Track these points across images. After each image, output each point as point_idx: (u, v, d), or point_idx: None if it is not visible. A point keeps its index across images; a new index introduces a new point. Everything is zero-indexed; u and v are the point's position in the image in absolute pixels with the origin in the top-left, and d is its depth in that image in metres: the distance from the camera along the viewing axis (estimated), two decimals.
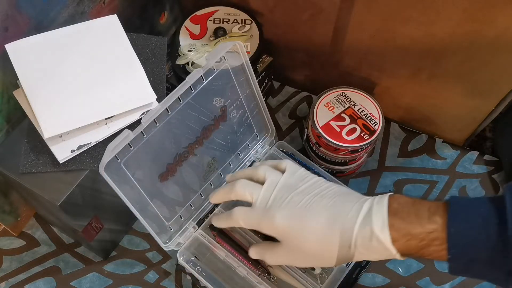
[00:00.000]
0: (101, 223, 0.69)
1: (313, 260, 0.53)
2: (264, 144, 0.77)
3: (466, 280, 0.72)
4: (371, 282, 0.73)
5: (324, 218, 0.51)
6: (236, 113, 0.70)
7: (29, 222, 0.79)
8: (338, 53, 0.81)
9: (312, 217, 0.51)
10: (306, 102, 0.90)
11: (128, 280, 0.74)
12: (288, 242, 0.53)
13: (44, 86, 0.60)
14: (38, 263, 0.75)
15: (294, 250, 0.53)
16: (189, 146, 0.66)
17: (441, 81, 0.76)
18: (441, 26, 0.67)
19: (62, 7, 0.65)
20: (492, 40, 0.65)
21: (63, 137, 0.60)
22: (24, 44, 0.61)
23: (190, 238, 0.68)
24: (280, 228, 0.53)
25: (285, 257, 0.55)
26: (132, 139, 0.56)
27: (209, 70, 0.62)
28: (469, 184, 0.81)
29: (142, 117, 0.62)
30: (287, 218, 0.52)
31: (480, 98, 0.76)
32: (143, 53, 0.68)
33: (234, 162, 0.74)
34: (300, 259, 0.54)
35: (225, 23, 0.80)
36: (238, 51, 0.63)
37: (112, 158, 0.54)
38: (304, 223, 0.52)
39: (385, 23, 0.71)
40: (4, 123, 0.64)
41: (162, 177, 0.64)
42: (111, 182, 0.55)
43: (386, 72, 0.80)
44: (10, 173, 0.60)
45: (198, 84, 0.61)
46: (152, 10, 0.84)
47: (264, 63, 0.80)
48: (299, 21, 0.79)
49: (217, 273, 0.68)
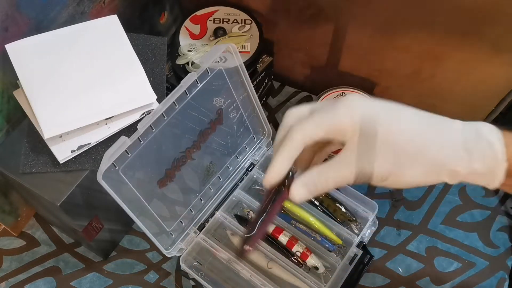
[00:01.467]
0: (101, 223, 0.69)
1: (409, 157, 0.39)
2: (261, 145, 0.77)
3: (466, 280, 0.73)
4: (371, 282, 0.73)
5: (416, 113, 0.40)
6: (233, 116, 0.70)
7: (29, 222, 0.79)
8: (338, 53, 0.81)
9: (402, 109, 0.40)
10: (306, 102, 0.90)
11: (128, 280, 0.74)
12: (369, 134, 0.38)
13: (44, 86, 0.60)
14: (38, 263, 0.75)
15: (384, 144, 0.38)
16: (186, 151, 0.65)
17: (441, 81, 0.76)
18: (441, 26, 0.67)
19: (62, 7, 0.65)
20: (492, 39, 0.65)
21: (63, 137, 0.60)
22: (24, 44, 0.61)
23: (191, 243, 0.68)
24: (367, 112, 0.39)
25: (365, 159, 0.39)
26: (129, 145, 0.55)
27: (204, 73, 0.62)
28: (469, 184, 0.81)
29: (142, 117, 0.62)
30: (369, 102, 0.40)
31: (480, 98, 0.76)
32: (143, 53, 0.67)
33: (232, 165, 0.74)
34: (389, 155, 0.38)
35: (225, 23, 0.80)
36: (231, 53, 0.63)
37: (110, 165, 0.54)
38: (394, 111, 0.40)
39: (385, 23, 0.71)
40: (4, 123, 0.64)
41: (161, 182, 0.64)
42: (110, 190, 0.55)
43: (386, 72, 0.80)
44: (10, 173, 0.60)
45: (193, 87, 0.61)
46: (152, 10, 0.84)
47: (264, 63, 0.80)
48: (299, 21, 0.79)
49: (220, 276, 0.68)
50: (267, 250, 0.67)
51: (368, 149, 0.38)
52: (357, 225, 0.72)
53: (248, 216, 0.71)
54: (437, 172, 0.39)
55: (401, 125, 0.39)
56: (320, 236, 0.70)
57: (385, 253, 0.75)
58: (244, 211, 0.73)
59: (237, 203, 0.74)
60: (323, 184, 0.40)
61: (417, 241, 0.76)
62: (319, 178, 0.40)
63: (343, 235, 0.70)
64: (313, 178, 0.40)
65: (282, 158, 0.40)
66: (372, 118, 0.39)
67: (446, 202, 0.79)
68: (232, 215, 0.73)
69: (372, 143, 0.38)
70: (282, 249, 0.68)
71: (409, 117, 0.40)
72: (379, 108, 0.39)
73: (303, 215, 0.71)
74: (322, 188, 0.40)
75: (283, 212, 0.72)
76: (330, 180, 0.40)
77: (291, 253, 0.68)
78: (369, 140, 0.38)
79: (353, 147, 0.39)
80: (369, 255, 0.72)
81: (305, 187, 0.40)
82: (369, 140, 0.38)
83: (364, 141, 0.38)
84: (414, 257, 0.75)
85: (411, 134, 0.39)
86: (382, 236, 0.77)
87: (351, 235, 0.69)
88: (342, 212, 0.72)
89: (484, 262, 0.74)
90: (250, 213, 0.71)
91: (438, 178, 0.39)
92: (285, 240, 0.68)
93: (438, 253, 0.75)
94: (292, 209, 0.72)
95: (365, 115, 0.39)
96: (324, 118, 0.40)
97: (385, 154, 0.38)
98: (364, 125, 0.38)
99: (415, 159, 0.38)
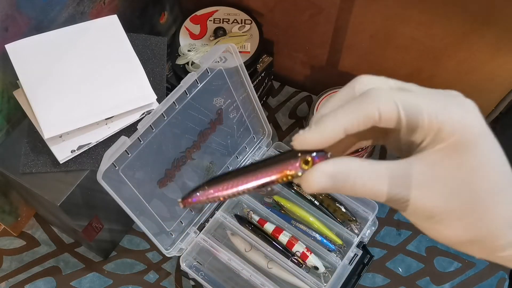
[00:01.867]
0: (101, 223, 0.69)
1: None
2: (261, 145, 0.77)
3: (466, 280, 0.73)
4: (371, 282, 0.73)
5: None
6: (233, 116, 0.70)
7: (29, 222, 0.79)
8: (338, 53, 0.81)
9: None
10: (306, 102, 0.90)
11: (128, 280, 0.74)
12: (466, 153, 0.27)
13: (44, 86, 0.60)
14: (38, 263, 0.75)
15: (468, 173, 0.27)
16: (186, 151, 0.65)
17: (441, 81, 0.76)
18: (441, 26, 0.67)
19: (62, 7, 0.65)
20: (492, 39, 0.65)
21: (63, 137, 0.60)
22: (24, 44, 0.61)
23: (191, 243, 0.68)
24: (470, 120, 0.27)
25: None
26: (129, 145, 0.55)
27: (204, 73, 0.62)
28: None
29: (142, 117, 0.62)
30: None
31: (480, 98, 0.76)
32: (143, 53, 0.67)
33: (232, 165, 0.74)
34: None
35: (225, 23, 0.80)
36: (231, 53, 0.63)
37: (110, 165, 0.54)
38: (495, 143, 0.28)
39: (385, 23, 0.71)
40: (4, 123, 0.64)
41: (161, 183, 0.64)
42: (110, 190, 0.55)
43: (386, 72, 0.79)
44: (10, 173, 0.60)
45: (193, 87, 0.61)
46: (152, 10, 0.84)
47: (264, 63, 0.80)
48: (299, 21, 0.79)
49: (220, 277, 0.68)
50: (267, 250, 0.67)
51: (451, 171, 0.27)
52: (357, 225, 0.72)
53: (248, 216, 0.71)
54: (491, 240, 0.28)
55: (496, 161, 0.28)
56: (320, 236, 0.70)
57: (385, 253, 0.75)
58: (244, 211, 0.73)
59: (237, 203, 0.74)
60: (350, 186, 0.28)
61: (417, 241, 0.76)
62: (354, 177, 0.27)
63: (343, 235, 0.70)
64: (348, 172, 0.28)
65: (342, 120, 0.27)
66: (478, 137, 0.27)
67: None
68: (232, 215, 0.73)
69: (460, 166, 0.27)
70: (282, 249, 0.68)
71: (503, 159, 0.28)
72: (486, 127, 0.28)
73: (303, 215, 0.71)
74: (346, 191, 0.28)
75: (283, 212, 0.72)
76: (361, 188, 0.28)
77: (291, 253, 0.68)
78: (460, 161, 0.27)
79: (435, 159, 0.27)
80: (369, 255, 0.72)
81: (331, 179, 0.28)
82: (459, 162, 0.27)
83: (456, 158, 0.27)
84: (414, 257, 0.75)
85: (498, 179, 0.28)
86: (382, 236, 0.77)
87: (351, 235, 0.69)
88: (342, 212, 0.72)
89: (484, 262, 0.74)
90: (250, 213, 0.71)
91: (485, 249, 0.29)
92: (285, 240, 0.68)
93: (438, 253, 0.75)
94: (292, 209, 0.72)
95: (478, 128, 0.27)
96: (437, 104, 0.27)
97: (458, 189, 0.27)
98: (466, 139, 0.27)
99: (481, 212, 0.28)
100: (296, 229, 0.69)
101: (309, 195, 0.73)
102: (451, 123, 0.26)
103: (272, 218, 0.70)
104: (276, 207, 0.73)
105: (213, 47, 0.64)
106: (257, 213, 0.71)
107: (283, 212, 0.72)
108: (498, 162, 0.28)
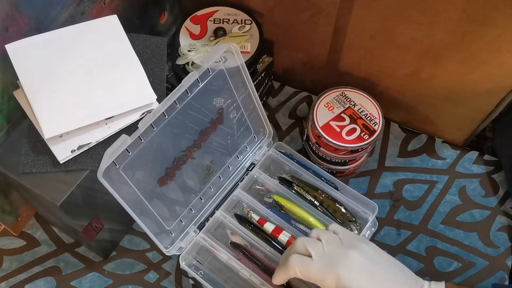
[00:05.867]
0: (101, 223, 0.69)
1: None
2: (262, 145, 0.77)
3: (466, 280, 0.73)
4: None
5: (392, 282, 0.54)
6: (234, 115, 0.70)
7: (29, 222, 0.79)
8: (338, 53, 0.81)
9: (381, 276, 0.54)
10: (306, 102, 0.91)
11: (128, 280, 0.74)
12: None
13: (44, 86, 0.60)
14: (38, 263, 0.75)
15: None
16: (187, 150, 0.65)
17: (441, 81, 0.76)
18: (441, 26, 0.67)
19: (62, 7, 0.65)
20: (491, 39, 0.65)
21: (63, 137, 0.60)
22: (24, 44, 0.61)
23: (191, 242, 0.68)
24: (347, 283, 0.52)
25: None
26: (130, 144, 0.56)
27: (205, 72, 0.62)
28: (468, 184, 0.81)
29: (142, 117, 0.62)
30: (353, 273, 0.53)
31: (480, 98, 0.76)
32: (143, 53, 0.68)
33: (233, 164, 0.74)
34: None
35: (225, 23, 0.80)
36: (233, 53, 0.63)
37: (110, 164, 0.54)
38: (372, 281, 0.53)
39: (385, 23, 0.71)
40: (4, 123, 0.64)
41: (161, 181, 0.64)
42: (110, 188, 0.55)
43: (386, 72, 0.80)
44: (10, 173, 0.60)
45: (194, 87, 0.61)
46: (152, 10, 0.84)
47: (264, 63, 0.80)
48: (299, 21, 0.79)
49: (220, 276, 0.68)
50: (267, 250, 0.67)
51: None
52: (357, 226, 0.72)
53: (248, 216, 0.71)
54: None
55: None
56: None
57: None
58: (244, 211, 0.73)
59: (237, 203, 0.74)
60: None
61: (417, 241, 0.76)
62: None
63: None
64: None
65: (282, 276, 0.57)
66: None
67: (446, 202, 0.80)
68: (232, 214, 0.73)
69: None
70: (282, 249, 0.68)
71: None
72: (362, 280, 0.53)
73: (303, 215, 0.71)
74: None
75: (282, 212, 0.72)
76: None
77: None
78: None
79: None
80: None
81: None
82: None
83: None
84: (414, 257, 0.75)
85: None
86: (382, 236, 0.77)
87: None
88: (342, 212, 0.72)
89: (484, 262, 0.74)
90: (250, 212, 0.71)
91: None
92: (285, 240, 0.68)
93: (438, 253, 0.75)
94: (292, 209, 0.72)
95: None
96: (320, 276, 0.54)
97: None
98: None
99: None
100: (296, 229, 0.69)
101: (309, 195, 0.73)
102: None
103: (272, 218, 0.70)
104: (276, 207, 0.73)
105: (214, 47, 0.64)
106: (257, 212, 0.71)
107: (283, 212, 0.72)
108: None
